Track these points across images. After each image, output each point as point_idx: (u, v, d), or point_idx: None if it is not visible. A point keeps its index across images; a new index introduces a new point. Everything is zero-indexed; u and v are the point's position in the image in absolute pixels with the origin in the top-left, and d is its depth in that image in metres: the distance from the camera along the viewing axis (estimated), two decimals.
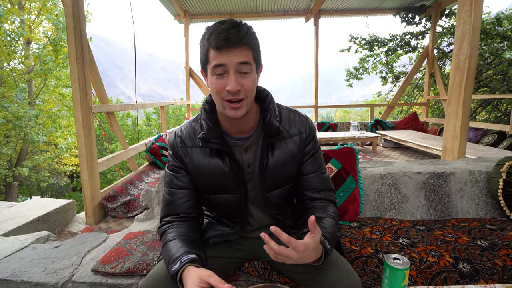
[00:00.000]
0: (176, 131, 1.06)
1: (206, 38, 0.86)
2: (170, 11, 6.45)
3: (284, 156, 1.02)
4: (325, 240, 0.87)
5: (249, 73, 0.87)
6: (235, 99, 0.87)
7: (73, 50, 2.41)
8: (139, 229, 1.86)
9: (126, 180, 3.36)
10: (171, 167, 1.05)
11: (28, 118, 9.57)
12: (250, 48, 0.87)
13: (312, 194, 1.06)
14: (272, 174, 1.02)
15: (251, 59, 0.87)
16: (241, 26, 0.85)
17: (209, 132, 0.96)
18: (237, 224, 1.11)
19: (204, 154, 1.00)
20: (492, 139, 4.91)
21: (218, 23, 0.86)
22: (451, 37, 8.18)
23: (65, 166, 12.14)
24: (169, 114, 17.42)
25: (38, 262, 1.51)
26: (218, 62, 0.84)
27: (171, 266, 0.84)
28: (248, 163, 1.03)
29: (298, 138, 1.04)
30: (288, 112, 1.07)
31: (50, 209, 2.41)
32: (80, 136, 2.52)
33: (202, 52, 0.89)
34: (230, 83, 0.85)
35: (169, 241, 0.93)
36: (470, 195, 1.88)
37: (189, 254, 0.86)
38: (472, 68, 2.25)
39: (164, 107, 5.55)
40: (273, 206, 1.09)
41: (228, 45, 0.82)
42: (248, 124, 1.01)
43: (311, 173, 1.07)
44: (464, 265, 1.24)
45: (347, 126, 6.72)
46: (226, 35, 0.82)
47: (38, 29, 11.05)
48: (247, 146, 1.02)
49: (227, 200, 1.05)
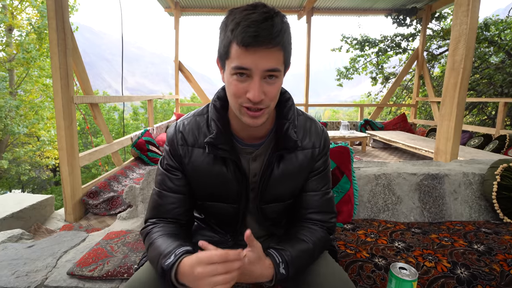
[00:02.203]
0: (177, 124, 0.91)
1: (230, 28, 0.70)
2: (161, 2, 6.27)
3: (292, 169, 0.90)
4: (281, 262, 0.78)
5: (277, 78, 0.74)
6: (255, 107, 0.74)
7: (55, 36, 2.26)
8: (121, 228, 1.76)
9: (110, 176, 3.23)
10: (166, 166, 0.91)
11: (9, 109, 9.20)
12: (282, 49, 0.71)
13: (309, 214, 0.94)
14: (274, 186, 0.91)
15: (281, 63, 0.73)
16: (275, 18, 0.69)
17: (218, 136, 0.83)
18: (229, 233, 1.01)
19: (207, 157, 0.87)
20: (479, 141, 4.99)
21: (246, 9, 0.70)
22: (441, 40, 8.30)
23: (48, 160, 11.77)
24: (157, 109, 17.13)
25: (8, 263, 1.38)
26: (242, 65, 0.70)
27: (164, 261, 0.71)
28: (254, 172, 0.92)
29: (310, 152, 0.91)
30: (304, 120, 0.94)
31: (25, 205, 2.25)
32: (60, 128, 2.38)
33: (223, 43, 0.73)
34: (253, 91, 0.71)
35: (156, 239, 0.81)
36: (464, 197, 1.85)
37: (183, 247, 0.74)
38: (467, 69, 2.23)
39: (151, 100, 5.40)
40: (267, 220, 0.99)
41: (257, 44, 0.67)
42: (261, 130, 0.88)
43: (313, 191, 0.95)
44: (462, 271, 1.20)
45: (336, 125, 6.73)
46: (256, 29, 0.66)
47: (21, 15, 10.61)
48: (257, 154, 0.90)
49: (225, 209, 0.94)
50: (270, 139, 0.90)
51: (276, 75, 0.73)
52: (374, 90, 10.47)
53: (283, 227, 1.06)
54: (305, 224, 0.94)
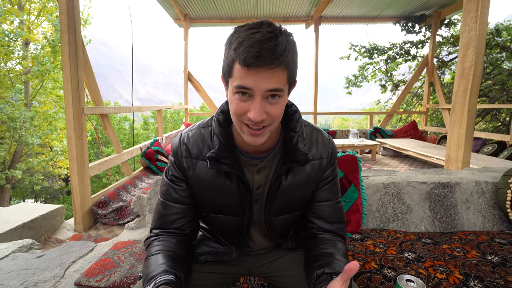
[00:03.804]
0: (182, 136, 0.91)
1: (233, 47, 0.69)
2: (171, 14, 6.41)
3: (300, 180, 0.89)
4: None
5: (280, 98, 0.73)
6: (257, 126, 0.74)
7: (67, 49, 2.33)
8: (129, 238, 1.76)
9: (119, 185, 3.26)
10: (170, 176, 0.92)
11: (23, 120, 9.44)
12: (286, 68, 0.70)
13: (322, 224, 0.94)
14: (282, 198, 0.90)
15: (284, 83, 0.72)
16: (280, 37, 0.67)
17: (219, 151, 0.83)
18: (234, 245, 1.00)
19: (211, 169, 0.87)
20: (492, 148, 4.86)
21: (251, 28, 0.69)
22: (451, 47, 8.21)
23: (60, 169, 11.97)
24: (167, 119, 17.34)
25: (17, 274, 1.40)
26: (243, 84, 0.69)
27: (145, 285, 0.73)
28: (258, 184, 0.91)
29: (318, 163, 0.91)
30: (311, 131, 0.93)
31: (36, 215, 2.29)
32: (71, 139, 2.42)
33: (226, 61, 0.73)
34: (254, 111, 0.70)
35: (151, 256, 0.82)
36: (477, 206, 1.80)
37: (166, 274, 0.74)
38: (477, 76, 2.19)
39: (161, 111, 5.47)
40: (275, 232, 0.98)
41: (259, 64, 0.66)
42: (267, 143, 0.86)
43: (325, 201, 0.94)
44: (475, 283, 1.15)
45: (346, 133, 6.67)
46: (259, 50, 0.65)
47: (37, 30, 10.99)
48: (262, 166, 0.89)
49: (229, 221, 0.94)
50: (276, 151, 0.89)
51: (279, 94, 0.72)
52: (383, 98, 10.38)
53: (290, 238, 1.05)
54: (323, 236, 0.93)
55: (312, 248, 0.90)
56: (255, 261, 1.06)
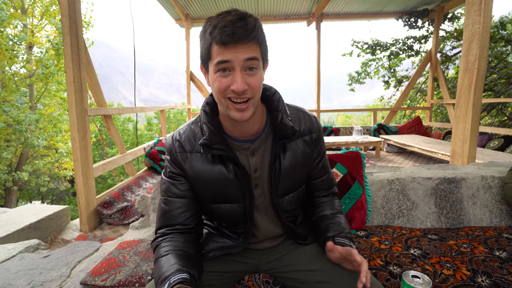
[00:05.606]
0: (173, 134, 0.97)
1: (208, 31, 0.77)
2: (172, 15, 6.42)
3: (297, 157, 0.96)
4: (350, 242, 0.91)
5: (257, 69, 0.80)
6: (241, 99, 0.79)
7: (69, 50, 2.34)
8: (134, 237, 1.77)
9: (123, 186, 3.27)
10: (168, 174, 0.95)
11: (29, 122, 9.53)
12: (258, 43, 0.79)
13: (320, 193, 1.09)
14: (286, 178, 0.95)
15: (258, 55, 0.79)
16: (248, 18, 0.76)
17: (210, 137, 0.87)
18: (241, 235, 1.01)
19: (206, 160, 0.91)
20: (499, 143, 4.81)
21: (222, 15, 0.77)
22: (454, 41, 8.13)
23: (65, 171, 12.08)
24: (170, 119, 17.40)
25: (24, 273, 1.42)
26: (223, 58, 0.76)
27: (160, 287, 0.74)
28: (255, 167, 0.95)
29: (309, 138, 0.99)
30: (296, 111, 1.01)
31: (42, 216, 2.31)
32: (75, 140, 2.44)
33: (204, 47, 0.80)
34: (236, 82, 0.77)
35: (162, 257, 0.83)
36: (483, 201, 1.78)
37: (179, 273, 0.76)
38: (482, 69, 2.17)
39: (164, 111, 5.49)
40: (286, 213, 1.02)
41: (234, 41, 0.74)
42: (254, 125, 0.92)
43: (321, 178, 1.07)
44: (483, 279, 1.14)
45: (349, 130, 6.64)
46: (232, 28, 0.73)
47: (40, 33, 11.08)
48: (254, 148, 0.93)
49: (231, 209, 0.95)
50: (266, 132, 0.95)
51: (255, 65, 0.79)
52: (387, 94, 10.30)
53: (301, 224, 1.08)
54: (321, 200, 1.09)
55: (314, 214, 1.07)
56: (262, 257, 1.06)
